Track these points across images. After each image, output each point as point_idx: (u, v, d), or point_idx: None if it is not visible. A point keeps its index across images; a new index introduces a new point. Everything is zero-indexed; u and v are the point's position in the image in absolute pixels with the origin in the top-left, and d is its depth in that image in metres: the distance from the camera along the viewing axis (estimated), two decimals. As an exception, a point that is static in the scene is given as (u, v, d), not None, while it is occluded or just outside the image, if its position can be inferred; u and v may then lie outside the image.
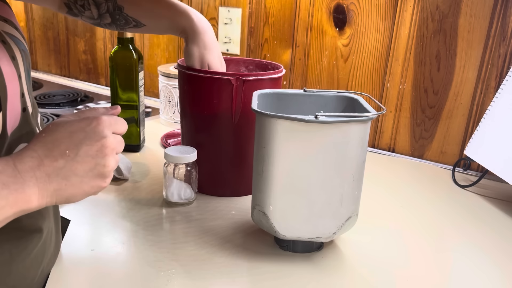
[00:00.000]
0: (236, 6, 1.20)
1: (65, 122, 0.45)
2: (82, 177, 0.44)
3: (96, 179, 0.45)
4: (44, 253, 0.53)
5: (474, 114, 0.96)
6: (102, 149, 0.45)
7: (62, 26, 1.65)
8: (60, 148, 0.43)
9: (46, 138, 0.44)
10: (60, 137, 0.44)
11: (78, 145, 0.44)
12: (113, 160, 0.46)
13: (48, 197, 0.43)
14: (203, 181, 0.80)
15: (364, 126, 0.57)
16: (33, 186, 0.42)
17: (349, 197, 0.60)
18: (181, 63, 0.80)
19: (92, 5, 0.75)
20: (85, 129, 0.45)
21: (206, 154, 0.79)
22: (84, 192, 0.45)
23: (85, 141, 0.44)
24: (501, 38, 0.90)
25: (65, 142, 0.44)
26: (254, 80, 0.74)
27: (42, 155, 0.42)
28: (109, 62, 0.93)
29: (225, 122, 0.76)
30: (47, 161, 0.42)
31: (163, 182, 0.80)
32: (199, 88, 0.76)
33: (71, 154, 0.43)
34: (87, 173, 0.44)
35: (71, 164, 0.43)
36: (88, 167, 0.44)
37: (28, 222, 0.50)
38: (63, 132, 0.44)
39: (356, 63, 1.07)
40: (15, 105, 0.48)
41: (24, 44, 0.52)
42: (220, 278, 0.58)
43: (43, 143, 0.43)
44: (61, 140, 0.44)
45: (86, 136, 0.44)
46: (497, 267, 0.64)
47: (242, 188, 0.81)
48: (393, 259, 0.64)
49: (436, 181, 0.93)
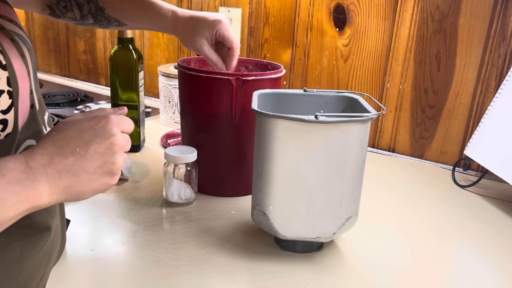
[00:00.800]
0: (236, 6, 1.20)
1: (75, 121, 0.46)
2: (91, 174, 0.45)
3: (105, 176, 0.46)
4: (52, 251, 0.54)
5: (474, 114, 0.97)
6: (111, 147, 0.46)
7: (62, 26, 1.65)
8: (70, 146, 0.44)
9: (56, 136, 0.45)
10: (70, 135, 0.45)
11: (88, 143, 0.45)
12: (121, 157, 0.47)
13: (59, 194, 0.44)
14: (203, 181, 0.80)
15: (364, 126, 0.57)
16: (44, 182, 0.43)
17: (349, 197, 0.60)
18: (181, 63, 0.80)
19: (74, 6, 0.76)
20: (94, 128, 0.46)
21: (206, 154, 0.79)
22: (93, 189, 0.46)
23: (94, 139, 0.45)
24: (501, 38, 0.90)
25: (75, 140, 0.45)
26: (254, 80, 0.74)
27: (53, 153, 0.43)
28: (109, 62, 0.93)
29: (225, 122, 0.76)
30: (57, 158, 0.43)
31: (163, 182, 0.80)
32: (199, 88, 0.76)
33: (81, 152, 0.44)
34: (96, 170, 0.45)
35: (80, 162, 0.44)
36: (98, 165, 0.45)
37: (39, 220, 0.50)
38: (72, 131, 0.45)
39: (356, 63, 1.07)
40: (25, 101, 0.49)
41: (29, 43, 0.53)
42: (220, 278, 0.58)
43: (53, 141, 0.44)
44: (70, 138, 0.45)
45: (96, 134, 0.45)
46: (497, 267, 0.64)
47: (242, 188, 0.81)
48: (393, 259, 0.64)
49: (436, 181, 0.93)
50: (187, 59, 0.86)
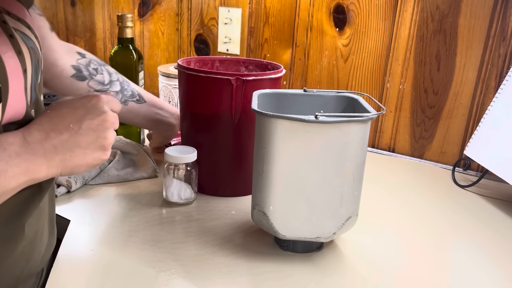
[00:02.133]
0: (236, 6, 1.20)
1: (67, 100, 0.50)
2: (85, 149, 0.49)
3: (98, 151, 0.50)
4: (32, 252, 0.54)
5: (474, 114, 0.97)
6: (102, 123, 0.49)
7: (62, 26, 1.65)
8: (64, 122, 0.47)
9: (51, 114, 0.48)
10: (63, 112, 0.48)
11: (81, 119, 0.48)
12: (112, 134, 0.50)
13: (55, 168, 0.47)
14: (203, 181, 0.80)
15: (364, 126, 0.57)
16: (42, 156, 0.46)
17: (349, 197, 0.60)
18: (181, 63, 0.80)
19: (105, 71, 0.80)
20: (86, 105, 0.49)
21: (206, 154, 0.79)
22: (87, 163, 0.50)
23: (87, 116, 0.49)
24: (501, 38, 0.90)
25: (69, 117, 0.48)
26: (254, 80, 0.74)
27: (48, 129, 0.47)
28: (109, 62, 0.93)
29: (225, 122, 0.76)
30: (53, 134, 0.47)
31: (163, 182, 0.80)
32: (199, 88, 0.76)
33: (74, 128, 0.48)
34: (89, 145, 0.49)
35: (75, 137, 0.48)
36: (90, 140, 0.49)
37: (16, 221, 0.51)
38: (66, 108, 0.49)
39: (356, 63, 1.07)
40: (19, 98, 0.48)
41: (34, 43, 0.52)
42: (220, 278, 0.58)
43: (48, 118, 0.48)
44: (65, 115, 0.48)
45: (88, 111, 0.49)
46: (497, 267, 0.64)
47: (242, 188, 0.81)
48: (393, 259, 0.64)
49: (436, 181, 0.93)
50: (187, 59, 0.86)
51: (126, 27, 0.92)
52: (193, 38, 1.31)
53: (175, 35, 1.35)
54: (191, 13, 1.29)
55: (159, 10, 1.36)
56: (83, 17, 1.57)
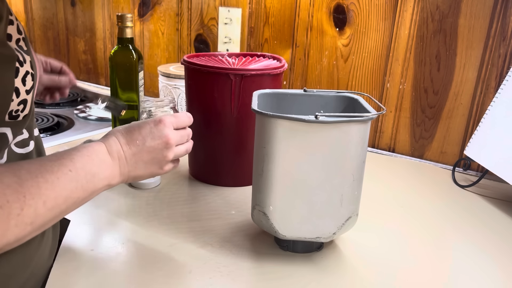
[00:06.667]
0: (236, 6, 1.20)
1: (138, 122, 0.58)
2: (146, 164, 0.56)
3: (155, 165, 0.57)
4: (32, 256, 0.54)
5: (474, 114, 0.96)
6: (163, 144, 0.56)
7: (62, 26, 1.65)
8: (132, 138, 0.55)
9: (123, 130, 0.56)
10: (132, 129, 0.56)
11: (145, 138, 0.56)
12: (171, 153, 0.57)
13: (123, 176, 0.55)
14: (205, 171, 0.84)
15: (364, 126, 0.57)
16: (117, 165, 0.53)
17: (349, 197, 0.60)
18: (187, 58, 0.83)
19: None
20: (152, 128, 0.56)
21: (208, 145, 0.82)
22: (145, 175, 0.57)
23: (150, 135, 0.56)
24: (501, 38, 0.90)
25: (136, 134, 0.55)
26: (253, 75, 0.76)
27: (122, 143, 0.55)
28: (109, 62, 0.93)
29: (225, 115, 0.79)
30: (125, 147, 0.55)
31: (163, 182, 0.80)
32: (200, 82, 0.80)
33: (140, 144, 0.55)
34: (150, 161, 0.56)
35: (140, 153, 0.55)
36: (151, 156, 0.56)
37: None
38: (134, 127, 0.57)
39: (356, 63, 1.07)
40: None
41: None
42: (220, 278, 0.58)
43: (120, 133, 0.55)
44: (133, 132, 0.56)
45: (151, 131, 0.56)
46: (497, 267, 0.64)
47: (242, 178, 0.84)
48: (393, 259, 0.64)
49: (436, 181, 0.93)
50: (194, 55, 0.89)
51: (126, 27, 0.92)
52: (193, 38, 1.31)
53: (175, 35, 1.35)
54: (191, 13, 1.29)
55: (159, 10, 1.36)
56: (83, 17, 1.57)
